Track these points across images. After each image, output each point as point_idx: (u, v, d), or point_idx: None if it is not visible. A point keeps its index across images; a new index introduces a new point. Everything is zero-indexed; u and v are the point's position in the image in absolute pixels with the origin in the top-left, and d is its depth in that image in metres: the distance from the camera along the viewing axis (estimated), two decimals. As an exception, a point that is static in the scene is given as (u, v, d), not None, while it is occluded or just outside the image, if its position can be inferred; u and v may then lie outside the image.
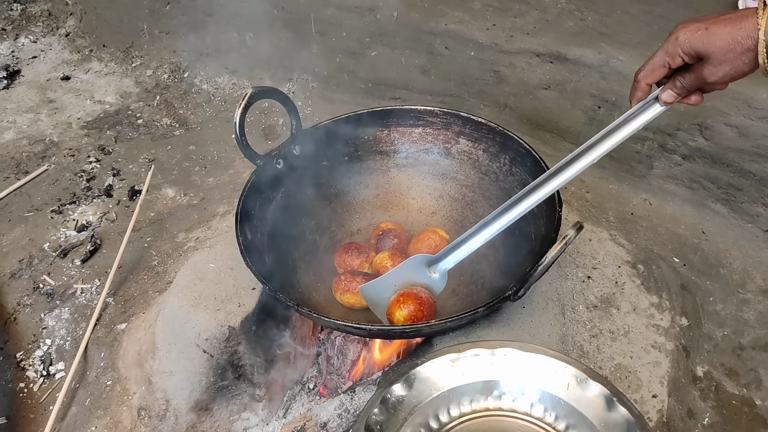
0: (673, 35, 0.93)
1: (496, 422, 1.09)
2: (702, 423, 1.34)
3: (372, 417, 1.03)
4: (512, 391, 1.09)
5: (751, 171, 1.57)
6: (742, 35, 0.87)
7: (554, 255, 1.04)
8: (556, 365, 1.07)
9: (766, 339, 1.47)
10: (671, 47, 0.93)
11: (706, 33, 0.89)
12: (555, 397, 1.06)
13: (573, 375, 1.05)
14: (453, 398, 1.09)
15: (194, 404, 1.36)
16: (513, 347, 1.09)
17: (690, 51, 0.92)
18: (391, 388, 1.06)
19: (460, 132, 1.51)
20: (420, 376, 1.09)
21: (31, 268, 1.71)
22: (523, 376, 1.09)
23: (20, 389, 1.49)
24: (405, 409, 1.06)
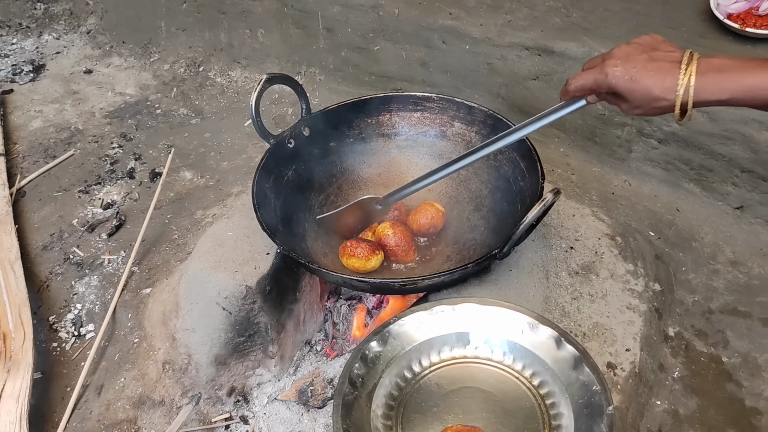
0: (604, 71, 1.00)
1: (463, 368, 1.22)
2: (672, 376, 1.46)
3: (354, 371, 1.15)
4: (475, 340, 1.22)
5: (720, 153, 1.69)
6: (660, 92, 0.95)
7: (535, 214, 1.16)
8: (511, 315, 1.20)
9: (733, 304, 1.59)
10: (600, 80, 1.01)
11: (630, 81, 0.97)
12: (512, 342, 1.19)
13: (526, 322, 1.19)
14: (424, 350, 1.22)
15: (213, 358, 1.48)
16: (473, 302, 1.23)
17: (614, 89, 1.00)
18: (368, 345, 1.19)
19: (455, 116, 1.63)
20: (393, 332, 1.22)
21: (61, 242, 1.83)
22: (484, 326, 1.22)
23: (53, 348, 1.61)
24: (382, 362, 1.19)
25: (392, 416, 1.13)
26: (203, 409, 1.47)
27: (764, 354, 1.48)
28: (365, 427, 1.09)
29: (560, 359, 1.14)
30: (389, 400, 1.15)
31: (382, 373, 1.17)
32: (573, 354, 1.12)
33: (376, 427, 1.10)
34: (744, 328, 1.54)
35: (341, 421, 1.05)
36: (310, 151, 1.60)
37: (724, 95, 0.92)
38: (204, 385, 1.48)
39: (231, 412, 1.49)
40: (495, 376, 1.18)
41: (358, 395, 1.12)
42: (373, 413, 1.12)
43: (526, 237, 1.27)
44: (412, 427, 1.12)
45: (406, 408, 1.15)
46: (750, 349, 1.50)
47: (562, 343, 1.14)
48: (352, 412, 1.09)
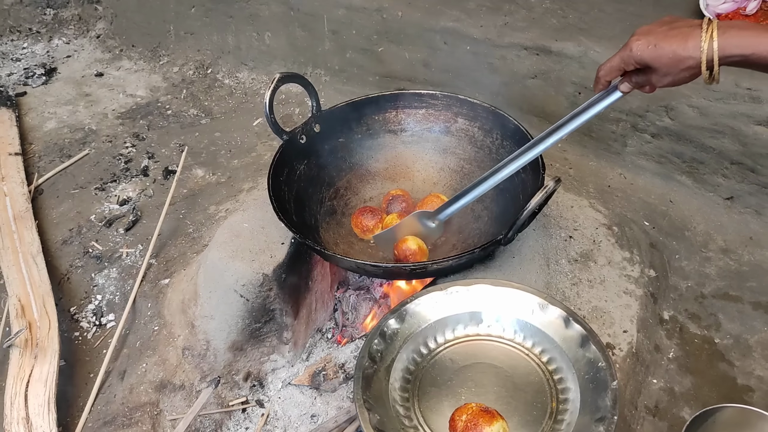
0: (628, 46, 1.04)
1: (476, 345, 1.27)
2: (668, 356, 1.52)
3: (373, 347, 1.21)
4: (488, 319, 1.28)
5: (711, 146, 1.76)
6: (685, 54, 0.97)
7: (537, 201, 1.22)
8: (522, 295, 1.26)
9: (725, 289, 1.66)
10: (626, 56, 1.05)
11: (654, 49, 1.00)
12: (523, 321, 1.25)
13: (536, 302, 1.25)
14: (439, 328, 1.28)
15: (231, 344, 1.54)
16: (486, 283, 1.29)
17: (640, 61, 1.04)
18: (387, 322, 1.25)
19: (458, 112, 1.70)
20: (410, 311, 1.27)
21: (80, 236, 1.89)
22: (496, 306, 1.27)
23: (75, 337, 1.66)
24: (400, 339, 1.25)
25: (409, 389, 1.19)
26: (221, 393, 1.52)
27: (755, 335, 1.55)
28: (384, 398, 1.15)
29: (568, 337, 1.20)
30: (406, 374, 1.21)
31: (400, 349, 1.23)
32: (580, 333, 1.18)
33: (394, 398, 1.16)
34: (735, 312, 1.60)
35: (361, 393, 1.11)
36: (321, 146, 1.66)
37: (747, 50, 0.94)
38: (221, 370, 1.54)
39: (247, 396, 1.54)
40: (506, 353, 1.24)
41: (377, 369, 1.18)
42: (391, 386, 1.18)
43: (528, 224, 1.34)
44: (427, 399, 1.18)
45: (422, 381, 1.21)
46: (741, 331, 1.56)
47: (570, 323, 1.20)
48: (372, 385, 1.15)
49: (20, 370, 1.44)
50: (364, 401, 1.10)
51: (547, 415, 1.13)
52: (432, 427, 1.14)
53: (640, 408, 1.41)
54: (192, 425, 1.44)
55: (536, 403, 1.15)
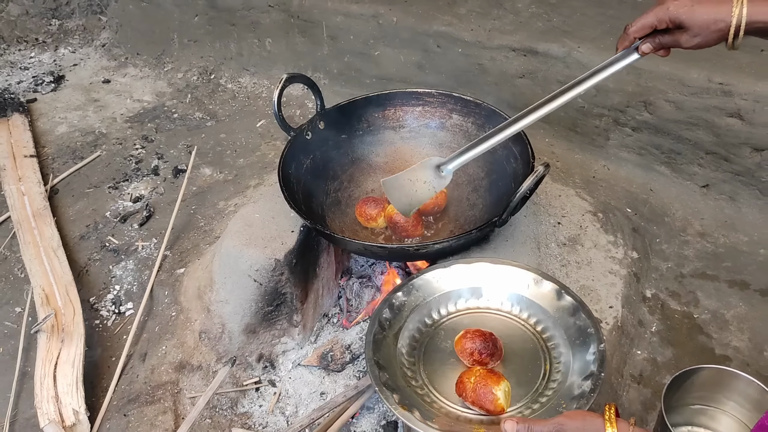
0: (665, 5, 1.09)
1: (476, 317, 1.36)
2: (650, 330, 1.62)
3: (383, 316, 1.30)
4: (487, 293, 1.37)
5: (687, 138, 1.88)
6: (718, 18, 1.04)
7: (528, 184, 1.32)
8: (518, 272, 1.36)
9: (702, 269, 1.77)
10: (662, 13, 1.10)
11: (691, 9, 1.07)
12: (519, 295, 1.35)
13: (531, 278, 1.34)
14: (442, 301, 1.37)
15: (245, 327, 1.63)
16: (485, 261, 1.38)
17: (675, 20, 1.10)
18: (395, 295, 1.34)
19: (453, 109, 1.80)
20: (416, 285, 1.36)
21: (96, 232, 1.97)
22: (495, 281, 1.37)
23: (95, 325, 1.74)
24: (407, 310, 1.34)
25: (415, 354, 1.29)
26: (235, 373, 1.61)
27: (731, 310, 1.66)
28: (392, 360, 1.24)
29: (560, 308, 1.29)
30: (412, 341, 1.31)
31: (407, 319, 1.32)
32: (572, 303, 1.28)
33: (401, 361, 1.25)
34: (712, 289, 1.71)
35: (372, 354, 1.21)
36: (325, 142, 1.75)
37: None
38: (236, 351, 1.62)
39: (260, 376, 1.63)
40: (504, 323, 1.34)
41: (386, 335, 1.28)
42: (398, 350, 1.27)
43: (521, 207, 1.43)
44: (431, 363, 1.27)
45: (427, 347, 1.30)
46: (718, 306, 1.67)
47: (563, 295, 1.30)
48: (381, 349, 1.24)
49: (48, 353, 1.52)
50: (374, 361, 1.20)
51: (541, 376, 1.22)
52: (435, 387, 1.23)
53: (625, 376, 1.51)
54: (210, 402, 1.53)
55: (531, 366, 1.25)
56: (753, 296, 1.69)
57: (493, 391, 1.14)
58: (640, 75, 1.88)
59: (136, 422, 1.46)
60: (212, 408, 1.53)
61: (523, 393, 1.20)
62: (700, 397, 1.33)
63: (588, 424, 0.99)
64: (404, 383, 1.21)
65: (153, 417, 1.47)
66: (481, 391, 1.14)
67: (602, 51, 1.92)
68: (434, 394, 1.22)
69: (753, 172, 1.82)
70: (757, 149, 1.79)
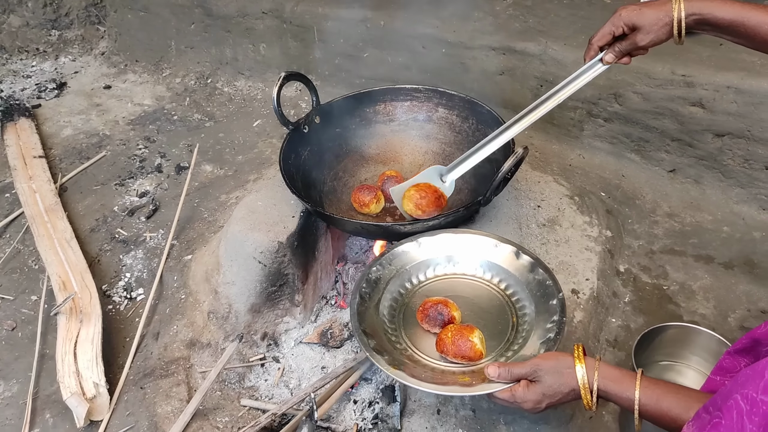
0: (617, 13, 1.26)
1: (446, 282, 1.50)
2: (624, 301, 1.75)
3: (362, 290, 1.42)
4: (457, 259, 1.50)
5: (654, 126, 2.01)
6: (663, 15, 1.21)
7: (509, 164, 1.44)
8: (479, 239, 1.49)
9: (671, 246, 1.90)
10: (616, 20, 1.28)
11: (640, 12, 1.25)
12: (482, 259, 1.48)
13: (492, 243, 1.48)
14: (413, 272, 1.50)
15: (250, 307, 1.72)
16: (448, 232, 1.51)
17: (628, 23, 1.27)
18: (371, 270, 1.46)
19: (439, 103, 1.92)
20: (389, 259, 1.49)
21: (106, 225, 2.06)
22: (458, 250, 1.50)
23: (109, 310, 1.82)
24: (383, 282, 1.47)
25: (395, 320, 1.41)
26: (242, 351, 1.70)
27: (697, 282, 1.78)
28: (377, 328, 1.36)
29: (520, 266, 1.43)
30: (392, 309, 1.43)
31: (384, 290, 1.45)
32: (529, 261, 1.42)
33: (385, 328, 1.37)
34: (680, 264, 1.84)
35: (358, 324, 1.33)
36: (321, 135, 1.87)
37: (705, 10, 1.18)
38: (242, 330, 1.72)
39: (264, 353, 1.73)
40: (471, 286, 1.47)
41: (367, 306, 1.40)
42: (380, 319, 1.39)
43: (503, 187, 1.55)
44: (411, 326, 1.40)
45: (405, 313, 1.43)
46: (685, 279, 1.80)
47: (520, 255, 1.44)
48: (365, 319, 1.36)
49: (68, 333, 1.61)
50: (361, 330, 1.31)
51: (510, 327, 1.35)
52: (418, 347, 1.35)
53: (601, 341, 1.63)
54: (219, 376, 1.62)
55: (500, 320, 1.38)
56: (717, 269, 1.81)
57: (470, 339, 1.28)
58: (610, 69, 1.98)
59: (153, 394, 1.56)
60: (221, 382, 1.63)
61: (496, 344, 1.34)
62: (667, 353, 1.45)
63: (560, 362, 1.12)
64: (391, 347, 1.33)
65: (168, 389, 1.57)
66: (459, 342, 1.28)
67: (574, 48, 2.06)
68: (419, 354, 1.34)
69: (715, 156, 1.96)
70: (718, 135, 1.93)
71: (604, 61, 1.37)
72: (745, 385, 0.82)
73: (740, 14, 1.18)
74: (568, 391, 1.11)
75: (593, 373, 1.09)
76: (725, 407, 0.84)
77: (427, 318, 1.36)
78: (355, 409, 1.58)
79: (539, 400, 1.13)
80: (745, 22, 1.17)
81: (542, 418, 1.42)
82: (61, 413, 1.55)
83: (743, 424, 0.80)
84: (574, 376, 1.10)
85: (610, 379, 1.08)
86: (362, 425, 1.52)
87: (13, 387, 1.64)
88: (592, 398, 1.09)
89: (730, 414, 0.83)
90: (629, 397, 1.06)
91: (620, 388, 1.07)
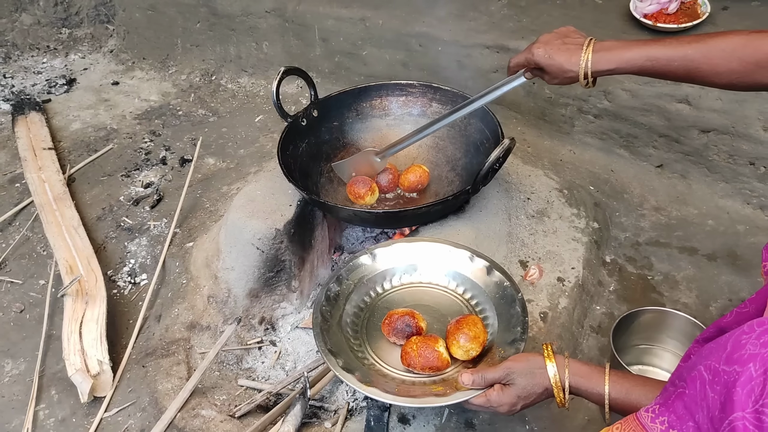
0: (531, 50, 1.32)
1: (410, 291, 1.51)
2: (609, 289, 1.80)
3: (322, 308, 1.39)
4: (415, 268, 1.52)
5: (642, 122, 2.06)
6: (568, 68, 1.26)
7: (496, 154, 1.49)
8: (435, 246, 1.51)
9: (656, 238, 1.94)
10: (528, 57, 1.34)
11: (548, 59, 1.29)
12: (442, 267, 1.50)
13: (447, 249, 1.49)
14: (370, 285, 1.49)
15: (248, 292, 1.78)
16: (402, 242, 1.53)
17: (537, 64, 1.33)
18: (329, 286, 1.45)
19: (433, 98, 1.98)
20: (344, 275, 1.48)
21: (111, 213, 2.13)
22: (420, 258, 1.51)
23: (113, 294, 1.89)
24: (342, 298, 1.45)
25: (359, 336, 1.41)
26: (240, 334, 1.76)
27: (681, 272, 1.83)
28: (342, 345, 1.35)
29: (476, 270, 1.45)
30: (354, 325, 1.43)
31: (344, 306, 1.44)
32: (485, 264, 1.45)
33: (350, 345, 1.36)
34: (665, 255, 1.89)
35: (324, 344, 1.31)
36: (319, 128, 1.93)
37: (611, 65, 1.23)
38: (241, 314, 1.78)
39: (262, 337, 1.78)
40: (430, 294, 1.49)
41: (330, 324, 1.38)
42: (344, 334, 1.38)
43: (492, 177, 1.61)
44: (376, 340, 1.40)
45: (368, 326, 1.43)
46: (669, 269, 1.84)
47: (475, 259, 1.46)
48: (330, 337, 1.35)
49: (74, 313, 1.68)
50: (328, 350, 1.30)
51: None
52: (385, 361, 1.35)
53: (585, 328, 1.68)
54: (218, 357, 1.68)
55: None
56: (701, 260, 1.86)
57: (435, 348, 1.29)
58: (599, 67, 2.06)
59: (154, 372, 1.62)
60: (220, 363, 1.69)
61: None
62: (645, 337, 1.50)
63: (531, 363, 1.16)
64: (359, 363, 1.32)
65: (168, 368, 1.63)
66: (426, 353, 1.28)
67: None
68: (387, 368, 1.34)
69: (701, 152, 2.01)
70: (703, 131, 1.98)
71: (525, 76, 1.44)
72: (708, 357, 0.86)
73: (648, 56, 1.19)
74: (541, 391, 1.15)
75: (564, 371, 1.12)
76: (689, 378, 0.88)
77: (394, 330, 1.36)
78: (347, 390, 1.63)
79: (514, 403, 1.16)
80: (655, 64, 1.19)
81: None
82: (66, 390, 1.62)
83: (705, 393, 0.83)
84: (546, 376, 1.13)
85: (581, 376, 1.12)
86: (353, 405, 1.58)
87: (20, 365, 1.71)
88: (565, 396, 1.13)
89: (693, 384, 0.86)
90: (599, 392, 1.10)
91: (590, 384, 1.11)
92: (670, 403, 0.88)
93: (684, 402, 0.86)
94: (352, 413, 1.55)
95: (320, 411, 1.57)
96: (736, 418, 0.76)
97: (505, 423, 1.45)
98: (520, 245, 1.78)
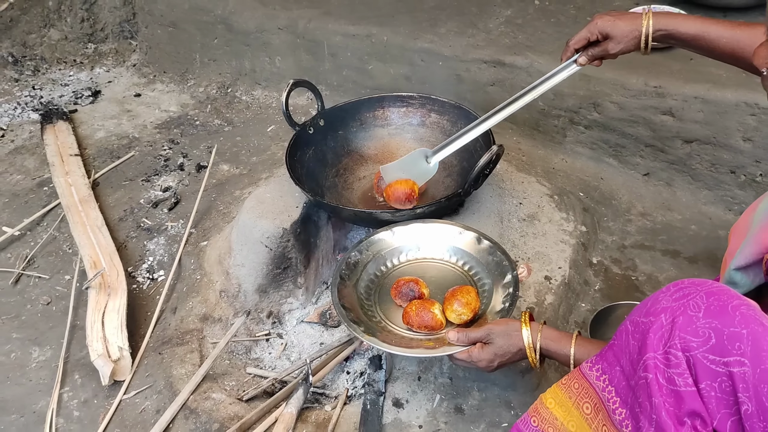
0: (594, 21, 1.41)
1: (421, 265, 1.67)
2: (594, 288, 1.89)
3: (342, 271, 1.60)
4: (427, 245, 1.68)
5: (630, 133, 2.16)
6: (633, 28, 1.37)
7: (484, 160, 1.60)
8: (445, 227, 1.67)
9: (641, 242, 2.04)
10: (592, 27, 1.43)
11: (613, 22, 1.40)
12: (448, 245, 1.65)
13: (456, 231, 1.65)
14: (388, 257, 1.68)
15: (257, 287, 1.90)
16: (419, 222, 1.68)
17: (603, 31, 1.42)
18: (350, 254, 1.64)
19: (431, 109, 2.09)
20: (366, 246, 1.67)
21: (132, 215, 2.27)
22: (429, 237, 1.67)
23: (133, 289, 2.01)
24: (361, 265, 1.64)
25: (371, 298, 1.60)
26: (249, 327, 1.88)
27: (663, 273, 1.92)
28: (354, 304, 1.54)
29: (481, 250, 1.61)
30: (368, 289, 1.61)
31: (362, 272, 1.63)
32: (489, 245, 1.60)
33: (362, 304, 1.56)
34: (649, 257, 1.98)
35: (338, 299, 1.51)
36: (325, 136, 2.05)
37: (670, 27, 1.34)
38: (250, 307, 1.90)
39: (269, 330, 1.90)
40: (438, 268, 1.65)
41: (347, 285, 1.58)
42: (358, 296, 1.57)
43: (482, 181, 1.71)
44: (385, 303, 1.58)
45: (380, 292, 1.62)
46: (653, 270, 1.94)
47: (481, 240, 1.62)
48: (345, 296, 1.54)
49: (97, 304, 1.80)
50: (341, 304, 1.50)
51: None
52: (390, 320, 1.53)
53: (570, 323, 1.78)
54: (228, 347, 1.80)
55: None
56: (683, 263, 1.95)
57: (431, 310, 1.46)
58: (589, 81, 2.17)
59: (169, 359, 1.74)
60: (230, 352, 1.80)
61: None
62: (624, 330, 1.59)
63: (509, 326, 1.29)
64: (366, 319, 1.51)
65: (183, 355, 1.75)
66: (422, 314, 1.45)
67: (558, 62, 2.21)
68: (391, 325, 1.52)
69: (685, 161, 2.11)
70: (687, 141, 2.07)
71: (578, 63, 1.53)
72: (633, 314, 1.01)
73: (701, 29, 1.33)
74: (516, 351, 1.28)
75: (537, 335, 1.26)
76: (618, 332, 1.03)
77: (400, 294, 1.54)
78: (348, 378, 1.74)
79: (492, 359, 1.30)
80: (705, 36, 1.33)
81: (510, 386, 1.58)
82: (89, 374, 1.74)
83: (628, 341, 0.99)
84: (521, 338, 1.26)
85: (551, 339, 1.25)
86: (353, 391, 1.68)
87: (47, 352, 1.83)
88: (536, 356, 1.25)
89: (620, 336, 1.02)
90: (566, 353, 1.22)
91: (558, 347, 1.23)
92: (603, 354, 1.04)
93: (613, 351, 1.02)
94: (351, 398, 1.66)
95: (321, 397, 1.68)
96: (649, 357, 0.91)
97: (492, 408, 1.55)
98: (510, 246, 1.88)
